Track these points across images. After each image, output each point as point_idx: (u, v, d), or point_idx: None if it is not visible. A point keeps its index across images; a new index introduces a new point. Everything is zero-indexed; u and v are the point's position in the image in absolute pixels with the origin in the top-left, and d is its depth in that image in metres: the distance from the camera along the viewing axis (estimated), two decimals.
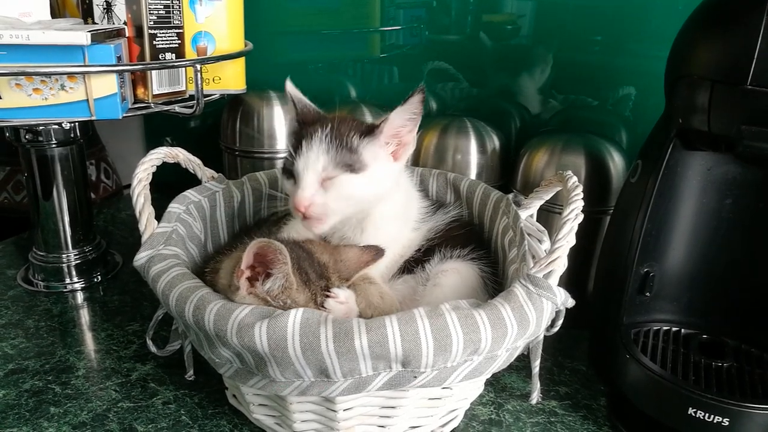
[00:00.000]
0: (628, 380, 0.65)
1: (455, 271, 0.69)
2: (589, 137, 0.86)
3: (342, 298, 0.61)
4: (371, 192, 0.69)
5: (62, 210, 0.95)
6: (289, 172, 0.69)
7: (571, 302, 0.58)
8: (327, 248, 0.67)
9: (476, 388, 0.68)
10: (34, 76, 0.74)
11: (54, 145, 0.90)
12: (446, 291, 0.67)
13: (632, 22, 0.91)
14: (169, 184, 0.82)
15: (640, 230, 0.66)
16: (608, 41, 0.94)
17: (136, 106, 0.85)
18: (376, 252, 0.67)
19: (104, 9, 0.87)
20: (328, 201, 0.66)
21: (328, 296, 0.61)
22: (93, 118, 0.78)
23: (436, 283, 0.68)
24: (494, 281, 0.70)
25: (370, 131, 0.68)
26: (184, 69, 0.88)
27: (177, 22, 0.84)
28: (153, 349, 0.72)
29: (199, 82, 0.83)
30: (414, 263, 0.72)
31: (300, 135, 0.69)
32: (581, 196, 0.62)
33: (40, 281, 0.96)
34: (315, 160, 0.66)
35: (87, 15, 0.88)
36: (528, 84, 1.03)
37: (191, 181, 0.77)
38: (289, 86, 0.74)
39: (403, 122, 0.68)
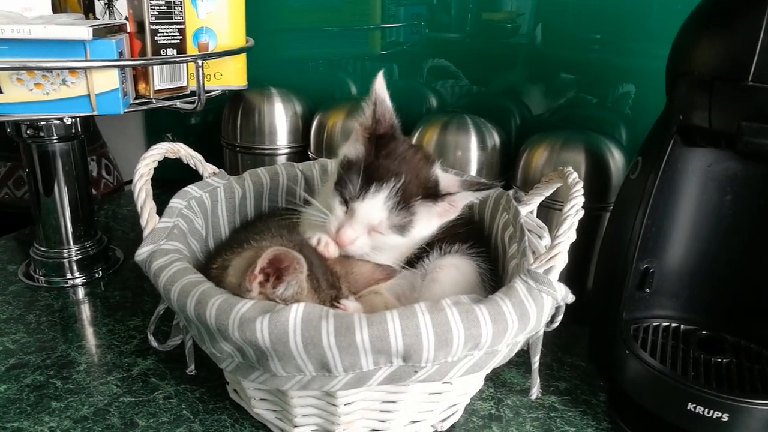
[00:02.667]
0: (628, 376, 0.65)
1: (453, 267, 0.69)
2: (589, 134, 0.86)
3: (351, 311, 0.61)
4: (406, 244, 0.70)
5: (63, 205, 0.95)
6: (345, 199, 0.67)
7: (571, 298, 0.58)
8: (340, 258, 0.68)
9: (476, 383, 0.68)
10: (35, 71, 0.74)
11: (55, 141, 0.90)
12: (444, 286, 0.67)
13: (632, 20, 0.91)
14: (170, 180, 0.82)
15: (640, 227, 0.66)
16: (608, 39, 0.94)
17: (138, 101, 0.85)
18: (389, 273, 0.69)
19: (106, 4, 0.87)
20: (366, 246, 0.67)
21: (337, 307, 0.61)
22: (94, 113, 0.78)
23: (434, 279, 0.68)
24: (492, 278, 0.71)
25: (432, 196, 0.68)
26: (185, 65, 0.89)
27: (178, 17, 0.85)
28: (154, 343, 0.72)
29: (201, 77, 0.83)
30: (415, 258, 0.73)
31: (371, 167, 0.66)
32: (582, 192, 0.62)
33: (41, 276, 0.96)
34: (375, 214, 0.66)
35: (88, 10, 0.88)
36: (528, 81, 1.03)
37: (192, 178, 0.77)
38: (380, 84, 0.68)
39: (467, 202, 0.69)
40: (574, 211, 0.59)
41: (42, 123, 0.87)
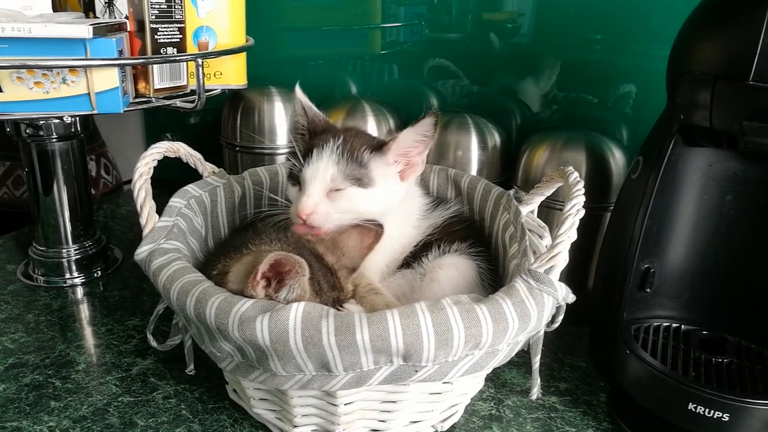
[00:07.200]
0: (629, 376, 0.65)
1: (452, 266, 0.69)
2: (589, 134, 0.86)
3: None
4: (376, 207, 0.69)
5: (62, 205, 0.94)
6: (296, 178, 0.69)
7: (572, 297, 0.57)
8: (329, 246, 0.67)
9: (476, 383, 0.68)
10: (35, 70, 0.74)
11: (55, 140, 0.90)
12: (444, 286, 0.67)
13: (633, 21, 0.91)
14: (169, 180, 0.81)
15: (641, 226, 0.66)
16: (609, 40, 0.94)
17: (137, 100, 0.85)
18: (377, 230, 0.68)
19: (106, 3, 0.87)
20: (331, 211, 0.67)
21: (339, 310, 0.61)
22: (94, 112, 0.78)
23: (433, 278, 0.68)
24: (491, 278, 0.70)
25: (379, 147, 0.69)
26: (185, 64, 0.88)
27: (179, 16, 0.84)
28: (153, 343, 0.72)
29: (201, 76, 0.83)
30: (412, 258, 0.72)
31: (310, 144, 0.70)
32: (583, 191, 0.62)
33: (40, 276, 0.96)
34: (324, 169, 0.67)
35: (88, 9, 0.88)
36: (529, 81, 1.03)
37: (191, 178, 0.77)
38: (299, 94, 0.73)
39: (412, 143, 0.69)
40: (575, 210, 0.59)
41: (41, 122, 0.87)
